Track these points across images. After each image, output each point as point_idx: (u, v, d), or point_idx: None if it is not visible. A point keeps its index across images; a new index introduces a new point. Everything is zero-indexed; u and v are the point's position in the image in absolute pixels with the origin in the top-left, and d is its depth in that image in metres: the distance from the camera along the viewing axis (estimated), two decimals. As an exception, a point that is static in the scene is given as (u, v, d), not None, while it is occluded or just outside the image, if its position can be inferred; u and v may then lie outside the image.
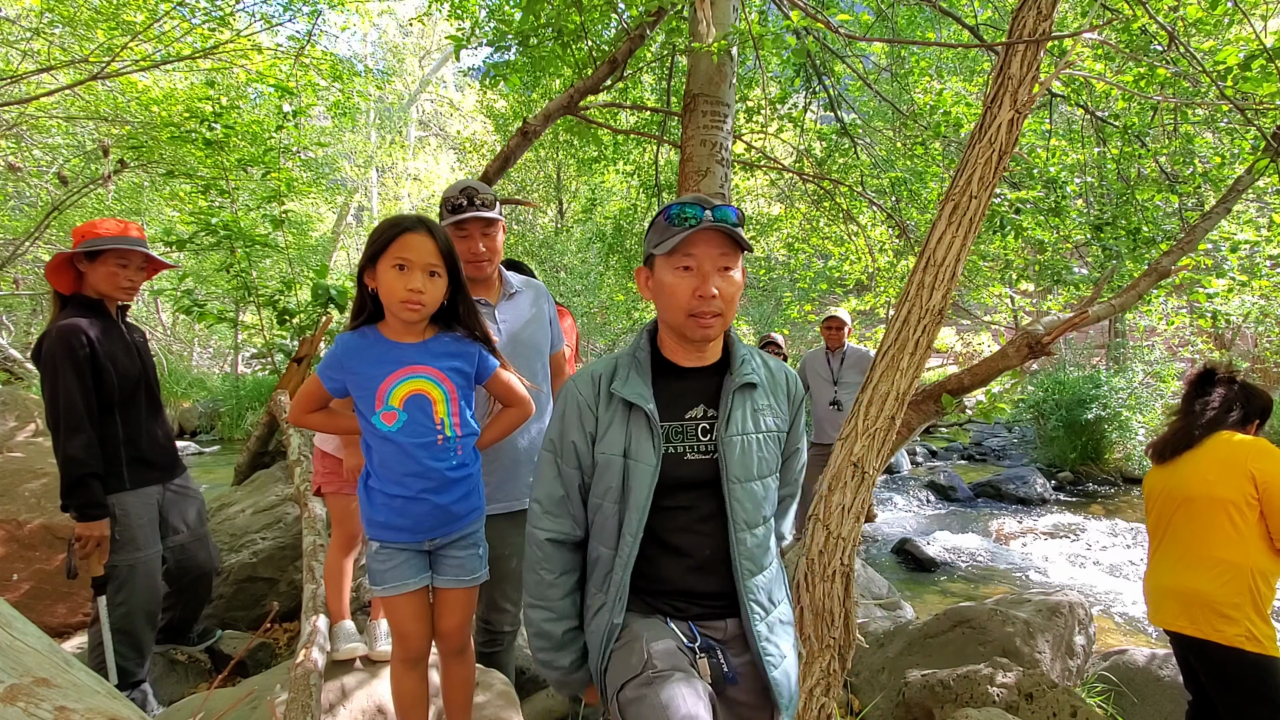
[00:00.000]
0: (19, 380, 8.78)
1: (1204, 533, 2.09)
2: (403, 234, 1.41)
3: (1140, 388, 8.72)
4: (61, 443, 2.03)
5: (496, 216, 1.92)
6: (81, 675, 0.94)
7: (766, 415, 1.29)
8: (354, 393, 1.48)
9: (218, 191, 5.49)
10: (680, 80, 4.84)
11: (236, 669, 2.57)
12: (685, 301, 1.20)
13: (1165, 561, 2.20)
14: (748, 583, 1.24)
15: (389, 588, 1.49)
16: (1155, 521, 2.28)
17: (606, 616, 1.25)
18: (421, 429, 1.47)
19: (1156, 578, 2.23)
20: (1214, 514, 2.07)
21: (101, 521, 2.07)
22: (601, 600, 1.27)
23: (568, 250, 12.17)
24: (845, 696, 2.91)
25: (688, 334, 1.23)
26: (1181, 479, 2.18)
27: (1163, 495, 2.24)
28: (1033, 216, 3.96)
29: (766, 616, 1.27)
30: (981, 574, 5.41)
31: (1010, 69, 1.91)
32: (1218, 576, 2.04)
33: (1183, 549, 2.15)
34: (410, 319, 1.46)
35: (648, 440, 1.22)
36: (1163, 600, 2.18)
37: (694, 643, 1.24)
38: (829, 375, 4.66)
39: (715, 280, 1.20)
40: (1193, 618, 2.06)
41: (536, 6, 3.90)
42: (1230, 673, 2.02)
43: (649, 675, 1.15)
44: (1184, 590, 2.10)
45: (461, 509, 1.54)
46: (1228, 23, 3.87)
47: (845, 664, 1.92)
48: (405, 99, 21.17)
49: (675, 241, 1.18)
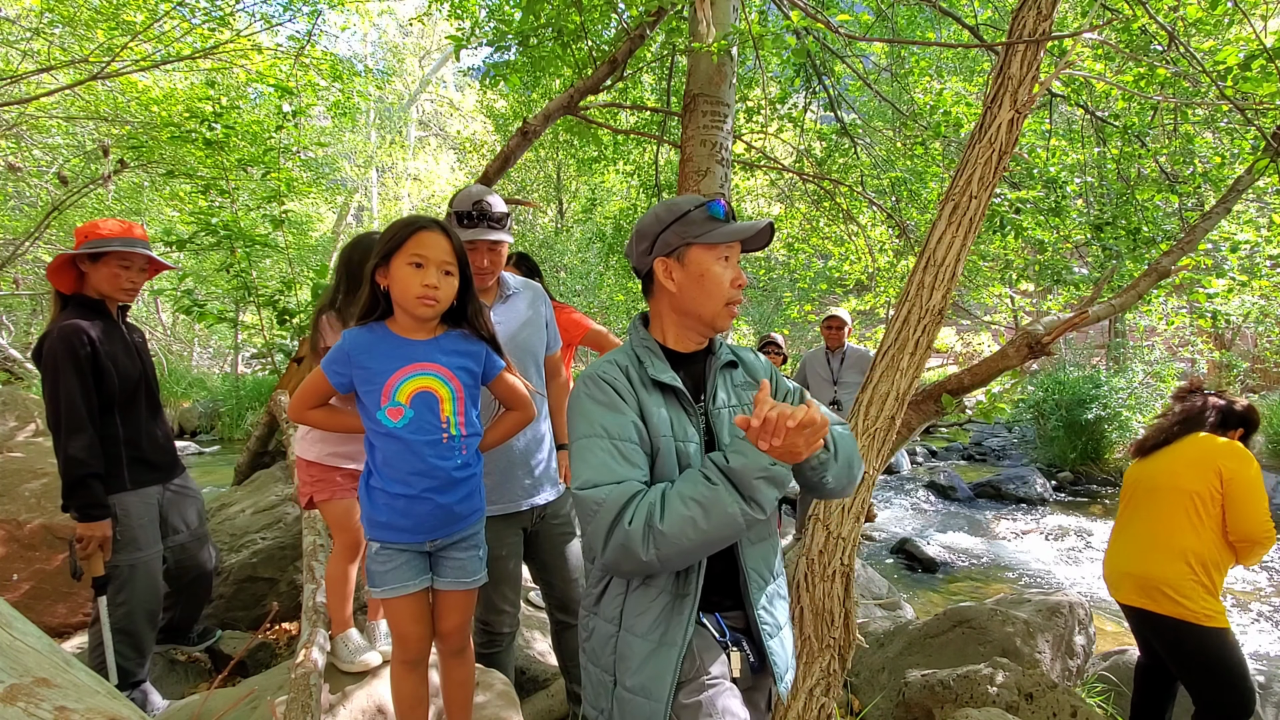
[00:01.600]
0: (19, 380, 8.79)
1: (1168, 520, 2.28)
2: (419, 232, 1.43)
3: (1140, 388, 8.72)
4: (63, 443, 2.03)
5: (505, 238, 1.92)
6: (81, 675, 0.94)
7: (746, 390, 1.37)
8: (359, 388, 1.48)
9: (218, 191, 5.49)
10: (680, 80, 4.84)
11: (236, 669, 2.57)
12: (727, 291, 1.28)
13: (1128, 545, 2.42)
14: (747, 550, 1.28)
15: (389, 589, 1.48)
16: (1122, 508, 2.51)
17: (688, 611, 1.21)
18: (427, 427, 1.47)
19: (1116, 560, 2.45)
20: (1178, 504, 2.26)
21: (103, 522, 2.07)
22: (668, 599, 1.22)
23: (568, 250, 12.18)
24: (845, 696, 2.91)
25: (718, 324, 1.31)
26: (1154, 471, 2.40)
27: (1134, 484, 2.47)
28: (1033, 216, 3.96)
29: (765, 587, 1.30)
30: (981, 574, 5.41)
31: (1010, 69, 1.91)
32: (1174, 561, 2.24)
33: (1146, 535, 2.35)
34: (425, 315, 1.47)
35: (688, 420, 1.27)
36: (1121, 580, 2.40)
37: (724, 637, 1.26)
38: (829, 375, 4.67)
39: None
40: (1152, 596, 2.28)
41: (536, 6, 3.90)
42: (1184, 644, 2.23)
43: (703, 681, 1.19)
44: (1143, 574, 2.31)
45: (464, 509, 1.54)
46: (1228, 23, 3.87)
47: (845, 664, 1.92)
48: (405, 99, 21.18)
49: (724, 234, 1.27)
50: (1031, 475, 7.85)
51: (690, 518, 1.09)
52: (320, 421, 1.61)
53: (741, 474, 1.10)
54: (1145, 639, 2.47)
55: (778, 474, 1.11)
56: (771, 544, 1.36)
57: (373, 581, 1.51)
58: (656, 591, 1.23)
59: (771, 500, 1.14)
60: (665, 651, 1.18)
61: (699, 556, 1.17)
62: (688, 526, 1.09)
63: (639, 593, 1.25)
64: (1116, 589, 2.44)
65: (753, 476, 1.10)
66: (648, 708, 1.17)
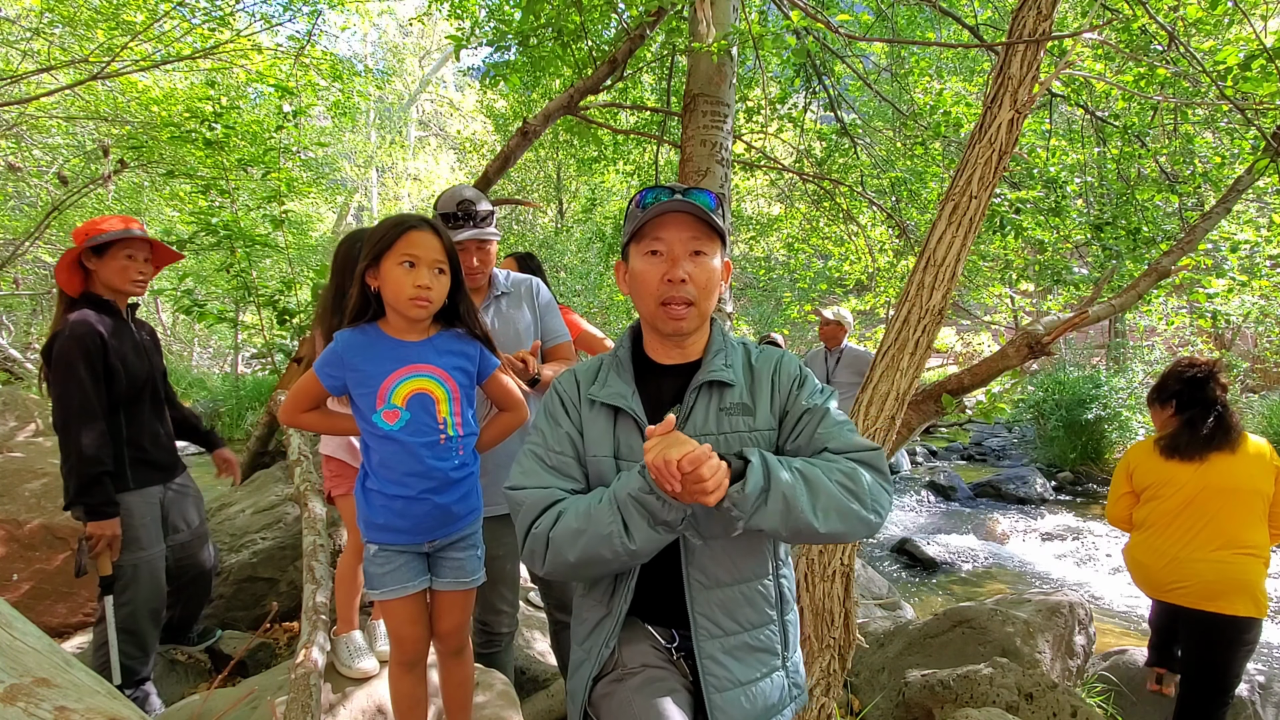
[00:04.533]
0: (19, 380, 8.78)
1: (1245, 519, 2.39)
2: (408, 231, 1.40)
3: (1140, 388, 8.71)
4: (75, 440, 2.02)
5: (494, 235, 1.92)
6: (81, 675, 0.94)
7: (736, 415, 1.17)
8: (354, 390, 1.47)
9: (218, 191, 5.48)
10: (680, 80, 4.83)
11: (236, 669, 2.57)
12: (655, 288, 1.15)
13: (1204, 548, 2.42)
14: (696, 595, 1.15)
15: (388, 591, 1.48)
16: (1188, 508, 2.47)
17: (611, 627, 1.18)
18: (424, 428, 1.46)
19: (1186, 563, 2.43)
20: (1256, 505, 2.40)
21: (113, 520, 2.08)
22: (603, 612, 1.21)
23: (568, 250, 12.17)
24: (845, 696, 2.91)
25: (659, 326, 1.18)
26: (1222, 473, 2.42)
27: (1198, 487, 2.45)
28: (1033, 216, 3.96)
29: (723, 637, 1.15)
30: (981, 574, 5.41)
31: (1010, 69, 1.91)
32: (1255, 561, 2.36)
33: (1227, 536, 2.39)
34: (418, 316, 1.45)
35: (637, 438, 1.16)
36: (1189, 578, 2.41)
37: (671, 643, 1.21)
38: (823, 374, 4.68)
39: (686, 265, 1.14)
40: (1228, 599, 2.34)
41: (536, 6, 3.90)
42: (1244, 635, 2.36)
43: (620, 673, 1.14)
44: (1228, 577, 2.35)
45: (461, 509, 1.53)
46: (1228, 23, 3.86)
47: (845, 664, 1.92)
48: (405, 99, 21.19)
49: (643, 224, 1.14)
50: (1031, 475, 7.85)
51: (576, 530, 1.06)
52: (313, 424, 1.59)
53: (619, 494, 1.05)
54: (1171, 627, 2.64)
55: (650, 504, 1.01)
56: (744, 591, 1.18)
57: (371, 584, 1.50)
58: (594, 602, 1.23)
59: (643, 531, 1.03)
60: (585, 668, 1.20)
61: (587, 572, 1.13)
62: (571, 538, 1.06)
63: (582, 600, 1.27)
64: (1172, 589, 2.44)
65: (625, 498, 1.03)
66: (574, 711, 1.21)
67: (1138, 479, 2.62)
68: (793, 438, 1.19)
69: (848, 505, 1.05)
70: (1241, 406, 8.91)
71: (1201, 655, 2.45)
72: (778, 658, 1.20)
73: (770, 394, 1.21)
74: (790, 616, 1.25)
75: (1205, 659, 2.44)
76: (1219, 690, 2.42)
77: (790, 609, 1.26)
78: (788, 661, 1.23)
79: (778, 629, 1.21)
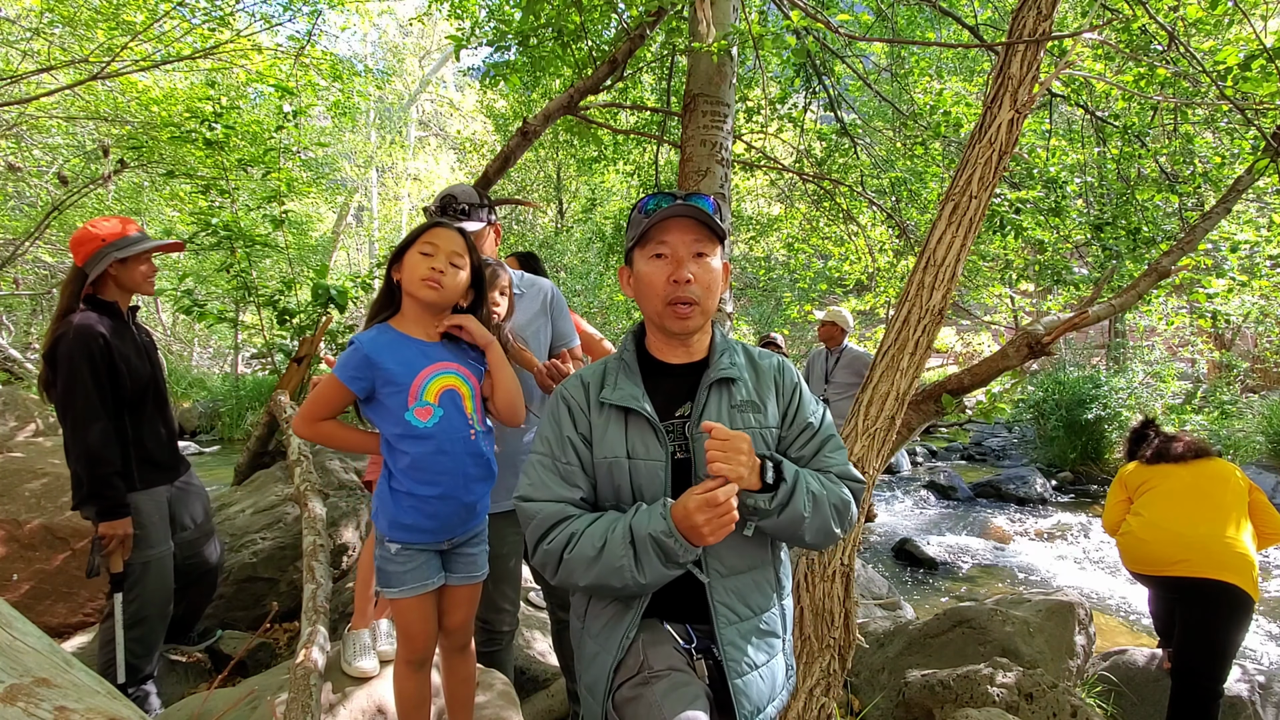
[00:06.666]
0: (19, 380, 8.78)
1: (1236, 507, 2.60)
2: (433, 228, 1.49)
3: (1140, 388, 8.72)
4: (83, 441, 2.03)
5: (474, 225, 1.92)
6: (81, 675, 0.94)
7: (747, 412, 1.24)
8: (382, 390, 1.46)
9: (218, 191, 5.48)
10: (680, 80, 4.83)
11: (236, 669, 2.57)
12: (662, 289, 1.20)
13: (1203, 524, 2.60)
14: (715, 584, 1.20)
15: (409, 589, 1.48)
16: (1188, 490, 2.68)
17: (630, 617, 1.21)
18: (457, 424, 1.48)
19: (1183, 540, 2.60)
20: (1241, 496, 2.63)
21: (125, 520, 2.09)
22: (621, 604, 1.22)
23: (568, 250, 12.17)
24: (845, 696, 2.91)
25: (668, 326, 1.23)
26: (1213, 469, 2.70)
27: (1194, 475, 2.70)
28: (1033, 216, 3.96)
29: (739, 623, 1.21)
30: (981, 574, 5.41)
31: (1010, 69, 1.91)
32: (1244, 541, 2.55)
33: (1223, 515, 2.58)
34: (428, 297, 1.47)
35: (651, 437, 1.21)
36: (1192, 553, 2.57)
37: (690, 644, 1.23)
38: (823, 374, 4.70)
39: (690, 266, 1.20)
40: (1232, 568, 2.50)
41: (536, 6, 3.90)
42: (1238, 610, 2.51)
43: (645, 675, 1.15)
44: (1228, 550, 2.52)
45: (482, 506, 1.57)
46: (1228, 23, 3.86)
47: (845, 664, 1.92)
48: (405, 99, 21.18)
49: (648, 229, 1.20)
50: (1031, 475, 7.84)
51: (590, 557, 1.12)
52: (330, 434, 1.56)
53: (638, 531, 1.10)
54: (1172, 603, 2.73)
55: (668, 546, 1.07)
56: (754, 578, 1.25)
57: (389, 582, 1.49)
58: (610, 597, 1.25)
59: (655, 569, 1.09)
60: (603, 658, 1.21)
61: (594, 593, 1.22)
62: (584, 566, 1.12)
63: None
64: (1176, 563, 2.58)
65: (644, 537, 1.09)
66: (593, 706, 1.22)
67: (1131, 483, 2.85)
68: (796, 448, 1.28)
69: (833, 529, 1.21)
70: (1241, 406, 8.91)
71: (1205, 621, 2.52)
72: (780, 639, 1.28)
73: (775, 393, 1.29)
74: (786, 600, 1.33)
75: (1209, 624, 2.51)
76: (1217, 656, 2.49)
77: (786, 593, 1.33)
78: (785, 643, 1.31)
79: (779, 612, 1.29)
